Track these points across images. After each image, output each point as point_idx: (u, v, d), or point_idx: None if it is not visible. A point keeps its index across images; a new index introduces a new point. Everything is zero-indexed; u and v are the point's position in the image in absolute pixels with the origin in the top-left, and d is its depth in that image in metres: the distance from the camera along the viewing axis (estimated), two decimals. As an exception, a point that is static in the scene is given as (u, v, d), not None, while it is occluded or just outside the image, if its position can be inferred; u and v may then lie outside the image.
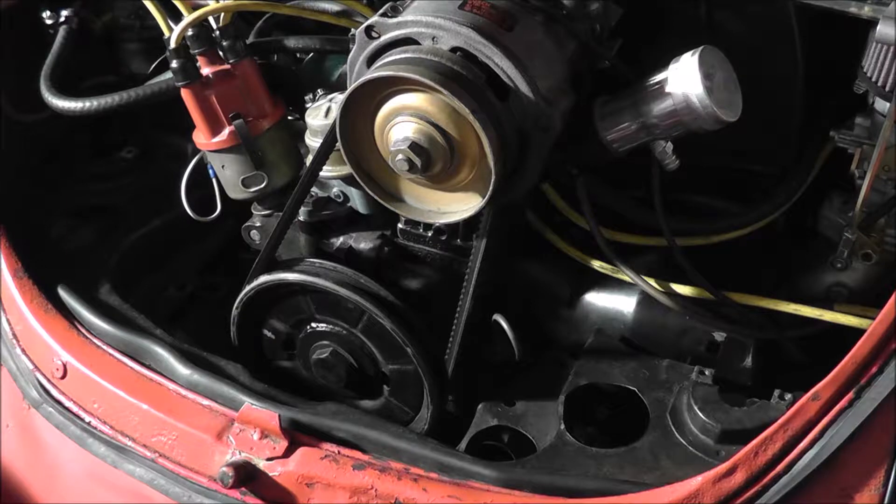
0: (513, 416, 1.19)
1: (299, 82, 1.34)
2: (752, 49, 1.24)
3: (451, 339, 1.18)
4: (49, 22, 1.51)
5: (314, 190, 1.29)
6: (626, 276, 1.22)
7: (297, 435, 1.11)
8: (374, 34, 1.05)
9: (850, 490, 0.92)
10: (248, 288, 1.23)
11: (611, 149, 1.12)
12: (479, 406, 1.14)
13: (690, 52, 1.05)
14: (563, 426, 1.11)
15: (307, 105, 1.27)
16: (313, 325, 1.25)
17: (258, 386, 1.18)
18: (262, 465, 1.09)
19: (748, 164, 1.36)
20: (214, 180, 1.32)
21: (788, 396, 1.06)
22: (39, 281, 1.30)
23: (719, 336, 1.20)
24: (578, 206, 1.25)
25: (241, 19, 1.40)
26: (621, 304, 1.26)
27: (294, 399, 1.17)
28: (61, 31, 1.49)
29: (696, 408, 1.07)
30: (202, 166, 1.34)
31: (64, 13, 1.50)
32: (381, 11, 1.06)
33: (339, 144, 1.07)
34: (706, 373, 1.11)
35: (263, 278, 1.22)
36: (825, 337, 1.18)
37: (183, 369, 1.20)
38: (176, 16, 1.23)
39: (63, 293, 1.30)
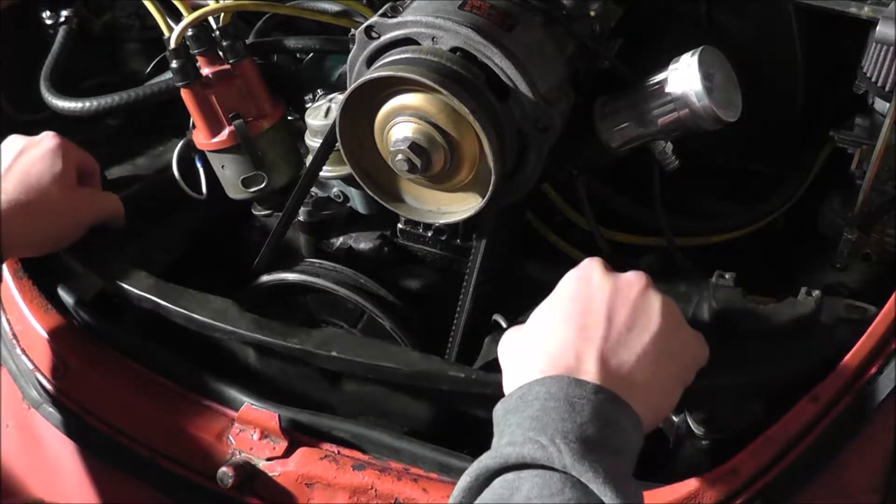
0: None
1: (299, 82, 1.34)
2: (752, 49, 1.24)
3: (450, 339, 1.17)
4: (49, 22, 1.51)
5: (314, 190, 1.29)
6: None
7: (297, 435, 1.11)
8: (373, 34, 1.05)
9: (850, 490, 0.92)
10: (247, 288, 1.23)
11: (611, 149, 1.12)
12: (487, 339, 1.12)
13: (690, 52, 1.05)
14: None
15: (307, 105, 1.27)
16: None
17: (247, 319, 1.16)
18: (261, 465, 1.10)
19: (748, 164, 1.36)
20: (199, 165, 1.32)
21: (816, 293, 1.01)
22: (39, 281, 1.30)
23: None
24: (578, 206, 1.25)
25: (241, 19, 1.40)
26: (621, 303, 1.26)
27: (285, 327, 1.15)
28: (61, 31, 1.48)
29: (717, 310, 1.01)
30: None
31: (64, 13, 1.50)
32: (380, 11, 1.06)
33: (339, 144, 1.07)
34: (727, 276, 1.03)
35: (263, 278, 1.22)
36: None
37: (182, 369, 1.20)
38: (176, 16, 1.23)
39: (63, 293, 1.30)
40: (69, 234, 1.22)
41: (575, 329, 0.86)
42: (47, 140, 1.22)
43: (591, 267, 0.91)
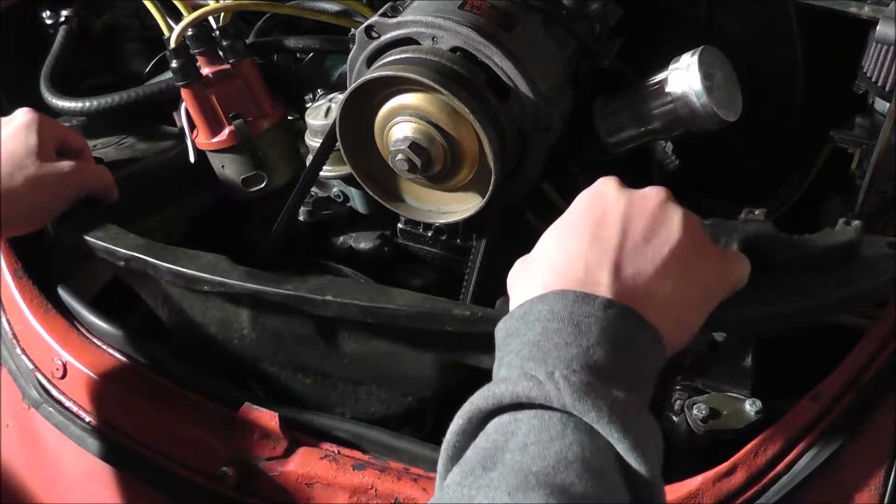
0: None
1: (299, 82, 1.34)
2: (752, 49, 1.24)
3: (450, 339, 1.17)
4: (49, 22, 1.51)
5: (314, 190, 1.29)
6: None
7: (297, 435, 1.11)
8: (373, 34, 1.05)
9: (850, 490, 0.92)
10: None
11: (611, 149, 1.13)
12: (498, 301, 1.07)
13: (690, 52, 1.05)
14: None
15: (307, 105, 1.27)
16: (313, 324, 1.25)
17: (238, 271, 1.10)
18: (261, 465, 1.09)
19: (748, 164, 1.36)
20: (186, 123, 1.29)
21: (856, 222, 0.92)
22: (39, 281, 1.30)
23: (719, 336, 1.19)
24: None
25: (241, 19, 1.40)
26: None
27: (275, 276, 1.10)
28: (61, 31, 1.48)
29: (747, 240, 0.92)
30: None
31: (64, 13, 1.50)
32: (380, 11, 1.06)
33: (339, 144, 1.08)
34: (756, 212, 0.95)
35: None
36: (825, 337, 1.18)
37: (182, 369, 1.20)
38: (176, 15, 1.23)
39: (63, 293, 1.30)
40: (53, 207, 1.17)
41: (586, 240, 0.77)
42: (20, 115, 1.19)
43: (605, 183, 0.83)
